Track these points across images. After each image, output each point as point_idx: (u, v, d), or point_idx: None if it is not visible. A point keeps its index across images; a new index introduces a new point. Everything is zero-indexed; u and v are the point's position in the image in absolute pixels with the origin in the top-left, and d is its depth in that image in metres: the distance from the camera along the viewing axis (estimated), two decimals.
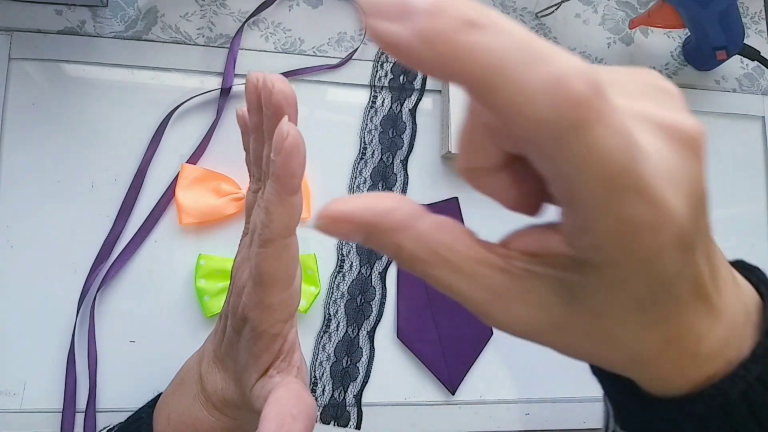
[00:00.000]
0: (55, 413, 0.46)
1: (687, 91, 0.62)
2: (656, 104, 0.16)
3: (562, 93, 0.12)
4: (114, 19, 0.52)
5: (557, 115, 0.12)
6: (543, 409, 0.53)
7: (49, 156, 0.49)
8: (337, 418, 0.49)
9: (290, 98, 0.25)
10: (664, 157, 0.15)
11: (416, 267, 0.16)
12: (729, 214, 0.61)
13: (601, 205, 0.14)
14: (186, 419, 0.33)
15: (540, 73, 0.12)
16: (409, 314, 0.52)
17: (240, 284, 0.29)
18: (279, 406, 0.25)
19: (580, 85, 0.12)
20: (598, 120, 0.13)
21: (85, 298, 0.47)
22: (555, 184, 0.14)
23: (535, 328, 0.17)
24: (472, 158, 0.17)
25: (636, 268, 0.15)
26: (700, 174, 0.16)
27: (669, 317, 0.17)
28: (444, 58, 0.12)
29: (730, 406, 0.18)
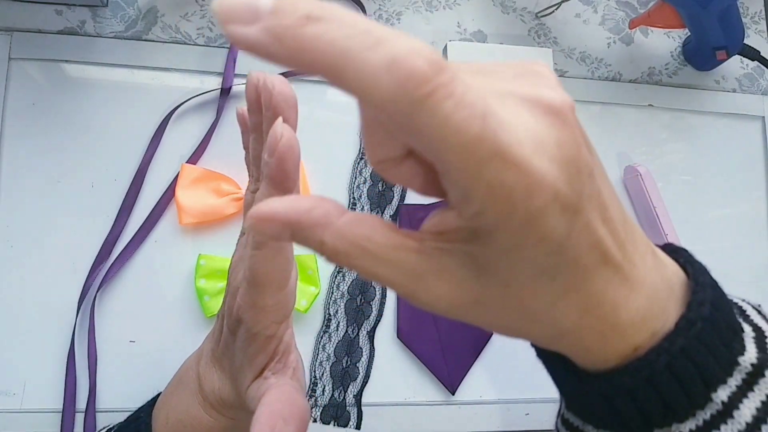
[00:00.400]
0: (55, 413, 0.46)
1: (687, 91, 0.62)
2: (525, 83, 0.17)
3: (402, 70, 0.14)
4: (114, 19, 0.52)
5: (401, 91, 0.14)
6: (543, 409, 0.53)
7: (49, 156, 0.49)
8: (337, 418, 0.49)
9: (290, 100, 0.25)
10: (529, 127, 0.16)
11: (340, 260, 0.17)
12: (729, 214, 0.61)
13: (471, 173, 0.15)
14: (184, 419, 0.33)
15: (379, 54, 0.14)
16: (409, 314, 0.52)
17: (235, 285, 0.29)
18: (271, 408, 0.25)
19: (417, 62, 0.14)
20: (446, 95, 0.14)
21: (85, 298, 0.47)
22: (430, 159, 0.16)
23: (456, 304, 0.18)
24: (377, 152, 0.18)
25: (522, 231, 0.16)
26: (570, 140, 0.17)
27: (578, 285, 0.18)
28: (293, 51, 0.14)
29: (657, 377, 0.19)
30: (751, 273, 0.60)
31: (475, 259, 0.17)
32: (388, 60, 0.14)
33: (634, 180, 0.57)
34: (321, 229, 0.17)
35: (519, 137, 0.15)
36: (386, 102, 0.14)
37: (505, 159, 0.15)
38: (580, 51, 0.61)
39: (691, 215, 0.60)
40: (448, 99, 0.14)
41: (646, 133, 0.60)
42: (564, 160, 0.16)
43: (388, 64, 0.14)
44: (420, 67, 0.14)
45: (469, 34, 0.59)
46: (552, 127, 0.16)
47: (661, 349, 0.19)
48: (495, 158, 0.15)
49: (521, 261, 0.17)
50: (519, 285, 0.17)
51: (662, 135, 0.61)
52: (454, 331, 0.52)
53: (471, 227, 0.17)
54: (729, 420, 0.20)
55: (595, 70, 0.61)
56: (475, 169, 0.15)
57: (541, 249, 0.17)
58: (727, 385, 0.20)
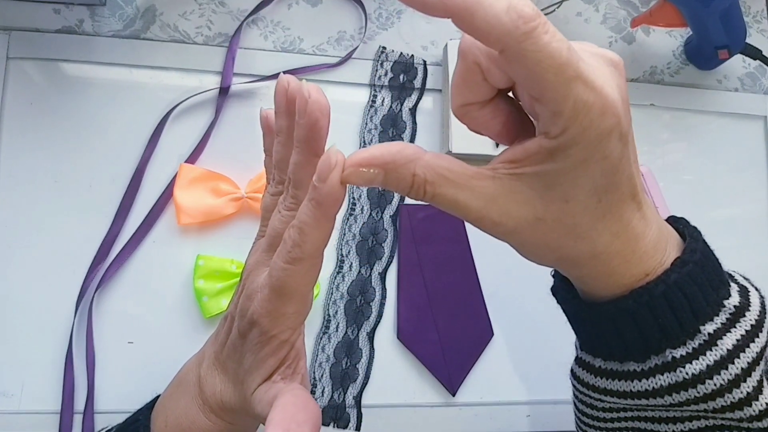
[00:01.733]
0: (53, 414, 0.46)
1: (689, 90, 0.62)
2: (588, 46, 0.24)
3: (516, 12, 0.19)
4: (112, 18, 0.52)
5: (514, 26, 0.19)
6: (544, 410, 0.52)
7: (46, 155, 0.49)
8: (337, 419, 0.49)
9: (325, 109, 0.25)
10: (597, 66, 0.22)
11: (427, 189, 0.22)
12: (730, 213, 0.61)
13: (561, 91, 0.20)
14: (183, 422, 0.32)
15: (501, 3, 0.19)
16: (409, 315, 0.51)
17: (253, 288, 0.29)
18: (285, 412, 0.25)
19: (526, 9, 0.20)
20: (544, 31, 0.20)
21: (83, 299, 0.47)
22: (528, 85, 0.21)
23: (522, 222, 0.23)
24: (465, 95, 0.24)
25: (593, 147, 0.21)
26: (624, 86, 0.23)
27: (614, 210, 0.23)
28: (445, 2, 0.20)
29: (654, 302, 0.24)
30: (752, 273, 0.60)
31: (544, 178, 0.22)
32: (506, 6, 0.19)
33: None
34: (413, 164, 0.22)
35: (594, 69, 0.21)
36: (504, 35, 0.19)
37: (586, 82, 0.20)
38: None
39: (693, 215, 0.59)
40: (546, 33, 0.20)
41: (647, 132, 0.60)
42: (622, 98, 0.22)
43: (507, 8, 0.19)
44: (528, 10, 0.20)
45: None
46: (614, 72, 0.22)
47: (658, 280, 0.24)
48: (578, 80, 0.20)
49: (584, 176, 0.22)
50: (575, 201, 0.22)
51: (664, 134, 0.61)
52: (454, 332, 0.52)
53: (550, 147, 0.21)
54: (714, 347, 0.24)
55: None
56: (564, 87, 0.20)
57: (600, 167, 0.22)
58: (713, 321, 0.25)
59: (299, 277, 0.26)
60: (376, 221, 0.53)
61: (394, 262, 0.53)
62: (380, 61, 0.56)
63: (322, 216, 0.24)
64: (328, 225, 0.25)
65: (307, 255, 0.25)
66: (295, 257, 0.25)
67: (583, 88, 0.20)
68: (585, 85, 0.20)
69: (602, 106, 0.21)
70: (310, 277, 0.27)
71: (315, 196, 0.24)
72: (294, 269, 0.26)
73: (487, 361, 0.52)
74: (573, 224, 0.23)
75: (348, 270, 0.52)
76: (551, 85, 0.20)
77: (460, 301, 0.52)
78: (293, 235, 0.25)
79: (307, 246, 0.25)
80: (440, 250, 0.53)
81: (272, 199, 0.30)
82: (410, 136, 0.55)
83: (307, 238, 0.25)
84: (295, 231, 0.25)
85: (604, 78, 0.21)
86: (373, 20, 0.57)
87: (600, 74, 0.21)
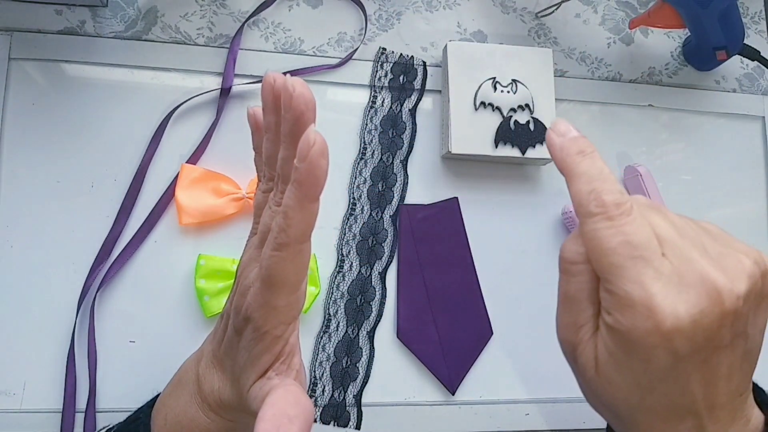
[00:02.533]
0: (54, 413, 0.46)
1: (687, 91, 0.62)
2: (708, 249, 0.26)
3: (597, 199, 0.25)
4: (114, 19, 0.52)
5: (597, 209, 0.25)
6: (543, 409, 0.53)
7: (49, 156, 0.49)
8: (337, 418, 0.49)
9: (310, 103, 0.25)
10: (673, 281, 0.24)
11: None
12: (729, 213, 0.61)
13: (609, 280, 0.24)
14: (182, 420, 0.33)
15: (592, 187, 0.25)
16: (409, 314, 0.52)
17: (246, 284, 0.29)
18: (276, 407, 0.25)
19: (608, 197, 0.25)
20: (616, 217, 0.25)
21: (84, 298, 0.47)
22: (598, 266, 0.25)
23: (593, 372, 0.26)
24: (574, 316, 0.28)
25: (633, 345, 0.23)
26: (711, 320, 0.23)
27: (659, 414, 0.25)
28: (565, 163, 0.27)
29: None
30: None
31: (607, 348, 0.25)
32: (594, 193, 0.25)
33: (634, 180, 0.57)
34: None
35: (658, 281, 0.23)
36: (589, 213, 0.25)
37: (644, 283, 0.23)
38: (580, 51, 0.61)
39: (692, 215, 0.59)
40: (609, 226, 0.24)
41: (646, 133, 0.60)
42: (693, 320, 0.23)
43: (594, 195, 0.25)
44: (607, 201, 0.25)
45: (469, 34, 0.59)
46: (710, 295, 0.23)
47: None
48: (637, 281, 0.24)
49: (627, 367, 0.24)
50: (617, 385, 0.25)
51: (662, 135, 0.61)
52: (454, 331, 0.52)
53: (609, 324, 0.24)
54: None
55: (595, 70, 0.61)
56: (618, 272, 0.24)
57: (643, 367, 0.24)
58: None
59: (286, 264, 0.26)
60: (376, 221, 0.53)
61: (394, 262, 0.53)
62: (380, 62, 0.56)
63: (303, 196, 0.24)
64: (311, 206, 0.25)
65: (292, 239, 0.25)
66: (281, 243, 0.25)
67: (637, 286, 0.23)
68: (643, 285, 0.23)
69: (649, 318, 0.23)
70: (298, 264, 0.26)
71: (296, 177, 0.24)
72: (281, 255, 0.26)
73: (486, 360, 0.53)
74: (611, 405, 0.26)
75: (348, 269, 0.52)
76: (609, 265, 0.24)
77: (460, 301, 0.53)
78: (278, 220, 0.25)
79: (292, 230, 0.25)
80: (440, 250, 0.53)
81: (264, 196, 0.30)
82: (410, 136, 0.55)
83: (291, 221, 0.25)
84: (280, 216, 0.25)
85: (670, 292, 0.23)
86: (373, 21, 0.57)
87: (666, 288, 0.23)
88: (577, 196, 0.26)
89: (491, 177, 0.56)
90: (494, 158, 0.54)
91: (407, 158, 0.55)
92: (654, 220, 0.26)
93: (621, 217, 0.24)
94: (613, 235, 0.24)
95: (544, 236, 0.56)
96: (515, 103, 0.53)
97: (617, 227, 0.24)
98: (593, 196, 0.25)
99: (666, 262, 0.24)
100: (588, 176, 0.26)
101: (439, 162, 0.55)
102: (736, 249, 0.25)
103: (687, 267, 0.24)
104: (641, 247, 0.24)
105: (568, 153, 0.27)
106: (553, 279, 0.54)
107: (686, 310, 0.22)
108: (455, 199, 0.54)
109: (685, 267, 0.23)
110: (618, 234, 0.24)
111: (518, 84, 0.54)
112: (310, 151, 0.23)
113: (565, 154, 0.27)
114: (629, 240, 0.24)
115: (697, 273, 0.23)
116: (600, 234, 0.24)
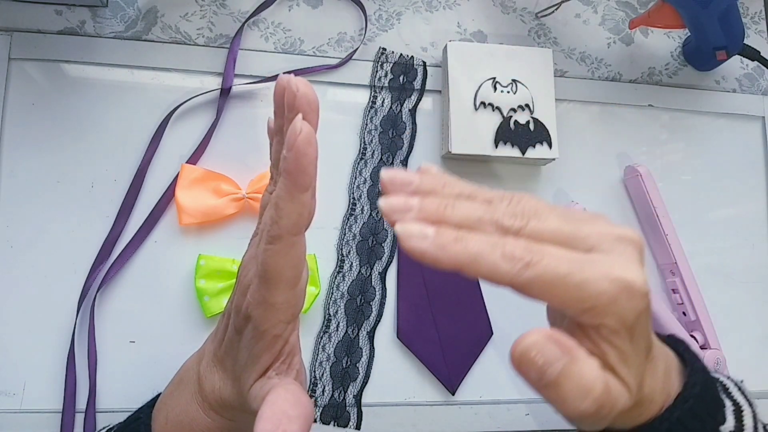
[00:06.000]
0: (54, 413, 0.46)
1: (687, 91, 0.62)
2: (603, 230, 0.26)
3: (509, 256, 0.22)
4: (114, 19, 0.52)
5: (512, 268, 0.22)
6: (543, 409, 0.53)
7: (49, 156, 0.49)
8: (337, 418, 0.49)
9: (313, 103, 0.25)
10: (609, 254, 0.24)
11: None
12: (729, 214, 0.61)
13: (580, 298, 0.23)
14: (183, 419, 0.33)
15: (495, 254, 0.22)
16: (409, 314, 0.52)
17: (245, 282, 0.29)
18: (276, 406, 0.25)
19: (516, 251, 0.22)
20: (537, 260, 0.23)
21: (85, 299, 0.47)
22: (556, 306, 0.24)
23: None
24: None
25: (633, 326, 0.23)
26: (638, 257, 0.24)
27: (648, 364, 0.26)
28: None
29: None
30: (751, 273, 0.60)
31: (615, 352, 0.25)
32: (500, 254, 0.23)
33: (635, 180, 0.57)
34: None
35: (603, 264, 0.23)
36: (508, 279, 0.23)
37: (597, 282, 0.23)
38: (580, 51, 0.61)
39: (692, 215, 0.60)
40: (542, 259, 0.23)
41: (646, 133, 0.60)
42: (641, 272, 0.24)
43: (501, 256, 0.23)
44: (518, 252, 0.23)
45: (469, 34, 0.59)
46: (628, 250, 0.24)
47: (663, 418, 0.27)
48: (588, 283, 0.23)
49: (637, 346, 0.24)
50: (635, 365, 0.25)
51: (662, 135, 0.61)
52: (454, 331, 0.52)
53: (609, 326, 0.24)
54: None
55: (595, 70, 0.61)
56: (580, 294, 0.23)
57: (644, 335, 0.25)
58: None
59: (280, 257, 0.26)
60: (376, 221, 0.53)
61: (394, 262, 0.53)
62: (380, 62, 0.56)
63: (293, 185, 0.24)
64: (301, 197, 0.25)
65: (284, 231, 0.25)
66: (273, 235, 0.25)
67: (597, 288, 0.22)
68: (598, 284, 0.22)
69: (628, 292, 0.22)
70: (293, 257, 0.26)
71: (284, 166, 0.24)
72: (274, 248, 0.26)
73: (486, 360, 0.53)
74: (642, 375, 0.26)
75: (348, 269, 0.52)
76: (570, 300, 0.22)
77: (460, 301, 0.53)
78: (271, 213, 0.25)
79: (284, 221, 0.25)
80: None
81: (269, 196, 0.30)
82: (410, 136, 0.55)
83: (282, 213, 0.25)
84: (272, 208, 0.25)
85: (619, 264, 0.23)
86: (373, 22, 0.57)
87: (613, 263, 0.23)
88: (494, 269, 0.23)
89: (491, 177, 0.56)
90: (494, 158, 0.54)
91: (407, 158, 0.55)
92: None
93: (542, 250, 0.23)
94: (559, 264, 0.23)
95: None
96: (515, 103, 0.53)
97: (553, 257, 0.23)
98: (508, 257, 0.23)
99: (595, 254, 0.24)
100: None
101: (439, 162, 0.55)
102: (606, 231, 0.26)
103: (603, 235, 0.24)
104: (574, 258, 0.23)
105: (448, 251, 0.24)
106: None
107: (631, 266, 0.23)
108: None
109: (602, 238, 0.24)
110: (560, 258, 0.23)
111: (518, 84, 0.54)
112: (297, 139, 0.23)
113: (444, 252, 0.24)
114: (572, 257, 0.23)
115: (610, 236, 0.24)
116: (549, 273, 0.23)
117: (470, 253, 0.22)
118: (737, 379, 0.33)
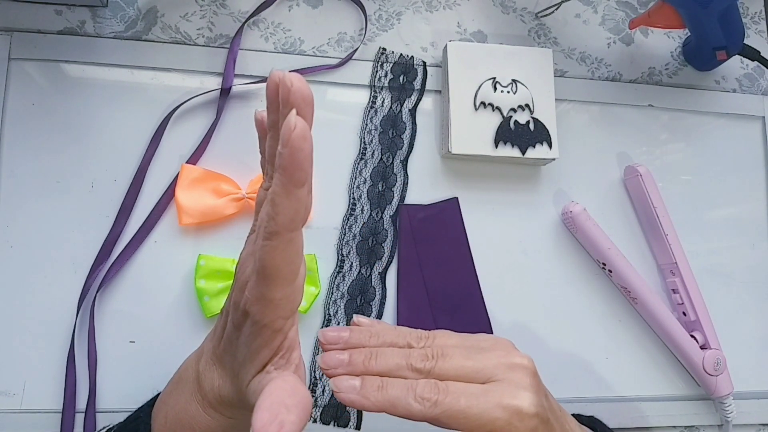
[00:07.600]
0: (54, 413, 0.46)
1: (687, 91, 0.62)
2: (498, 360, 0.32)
3: (419, 396, 0.30)
4: (114, 19, 0.52)
5: (423, 409, 0.29)
6: None
7: (48, 156, 0.49)
8: (337, 418, 0.49)
9: (307, 98, 0.25)
10: (503, 383, 0.30)
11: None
12: (729, 214, 0.61)
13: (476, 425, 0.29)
14: (183, 417, 0.33)
15: (409, 397, 0.30)
16: (409, 314, 0.52)
17: (243, 278, 0.29)
18: (273, 396, 0.25)
19: (425, 392, 0.29)
20: (442, 399, 0.29)
21: (84, 299, 0.47)
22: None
23: None
24: None
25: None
26: (529, 379, 0.31)
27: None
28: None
29: None
30: (751, 273, 0.60)
31: None
32: (414, 395, 0.30)
33: (634, 180, 0.57)
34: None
35: (493, 394, 0.30)
36: (422, 417, 0.30)
37: (490, 412, 0.29)
38: (580, 51, 0.61)
39: (691, 215, 0.60)
40: (446, 398, 0.30)
41: (646, 133, 0.60)
42: (533, 389, 0.30)
43: (415, 397, 0.30)
44: (426, 393, 0.30)
45: (469, 34, 0.59)
46: (521, 376, 0.31)
47: None
48: (483, 415, 0.29)
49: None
50: None
51: (662, 135, 0.61)
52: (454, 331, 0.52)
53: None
54: None
55: (595, 70, 0.61)
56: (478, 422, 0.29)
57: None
58: None
59: (277, 254, 0.26)
60: (376, 221, 0.53)
61: (394, 262, 0.53)
62: (380, 62, 0.56)
63: (288, 181, 0.24)
64: (297, 192, 0.25)
65: (281, 227, 0.25)
66: (270, 231, 0.25)
67: (492, 415, 0.28)
68: (492, 412, 0.28)
69: (518, 416, 0.28)
70: (290, 254, 0.26)
71: (279, 162, 0.24)
72: (271, 244, 0.25)
73: None
74: None
75: (348, 270, 0.52)
76: (474, 427, 0.28)
77: (460, 301, 0.53)
78: (267, 209, 0.25)
79: (280, 217, 0.25)
80: (440, 250, 0.53)
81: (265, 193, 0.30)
82: (410, 136, 0.55)
83: (278, 209, 0.25)
84: (268, 204, 0.25)
85: (509, 392, 0.29)
86: (373, 22, 0.57)
87: (503, 392, 0.29)
88: (411, 411, 0.30)
89: (491, 177, 0.56)
90: (494, 158, 0.54)
91: (407, 158, 0.55)
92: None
93: (445, 392, 0.30)
94: (457, 401, 0.29)
95: (544, 236, 0.56)
96: (515, 103, 0.53)
97: (450, 395, 0.30)
98: (420, 398, 0.30)
99: (491, 384, 0.30)
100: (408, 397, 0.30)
101: (439, 162, 0.55)
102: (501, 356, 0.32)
103: (498, 365, 0.30)
104: (470, 391, 0.30)
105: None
106: (553, 279, 0.55)
107: (522, 391, 0.29)
108: (455, 199, 0.54)
109: (498, 368, 0.30)
110: (455, 394, 0.30)
111: (518, 84, 0.54)
112: (292, 135, 0.23)
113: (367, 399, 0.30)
114: (470, 391, 0.30)
115: (504, 365, 0.30)
116: (452, 410, 0.29)
117: (389, 398, 0.29)
118: None
